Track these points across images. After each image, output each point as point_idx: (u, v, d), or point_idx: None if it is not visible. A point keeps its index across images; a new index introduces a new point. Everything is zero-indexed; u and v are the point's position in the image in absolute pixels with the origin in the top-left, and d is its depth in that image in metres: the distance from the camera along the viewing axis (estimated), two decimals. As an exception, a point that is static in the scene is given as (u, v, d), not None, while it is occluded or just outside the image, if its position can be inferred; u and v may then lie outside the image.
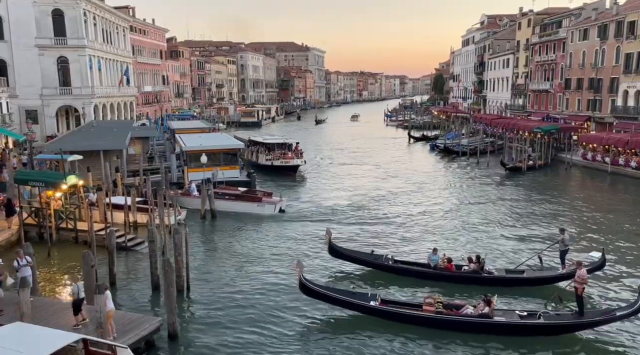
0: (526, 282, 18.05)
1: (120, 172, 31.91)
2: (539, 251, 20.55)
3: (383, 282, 18.60)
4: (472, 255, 19.29)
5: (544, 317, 14.61)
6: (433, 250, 19.23)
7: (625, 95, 47.49)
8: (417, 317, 14.98)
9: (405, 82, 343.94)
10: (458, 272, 18.38)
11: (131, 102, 66.89)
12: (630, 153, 41.04)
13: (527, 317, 14.74)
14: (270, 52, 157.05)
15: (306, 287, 15.75)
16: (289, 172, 41.35)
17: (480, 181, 39.83)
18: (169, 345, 14.22)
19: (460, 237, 24.66)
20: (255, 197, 29.61)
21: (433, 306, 14.96)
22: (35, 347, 10.34)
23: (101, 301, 12.45)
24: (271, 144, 44.37)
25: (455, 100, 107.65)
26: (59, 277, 19.58)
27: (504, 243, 23.71)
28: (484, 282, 17.79)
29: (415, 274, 18.66)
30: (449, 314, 14.88)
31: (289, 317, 16.04)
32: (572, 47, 56.88)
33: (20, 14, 48.58)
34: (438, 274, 18.38)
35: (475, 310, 14.92)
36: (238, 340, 14.64)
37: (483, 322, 14.60)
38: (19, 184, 23.45)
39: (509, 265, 19.88)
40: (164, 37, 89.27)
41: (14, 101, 47.75)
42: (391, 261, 19.20)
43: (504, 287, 17.59)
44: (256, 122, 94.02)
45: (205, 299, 17.36)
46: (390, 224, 26.98)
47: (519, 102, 70.35)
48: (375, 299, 15.63)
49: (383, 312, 15.30)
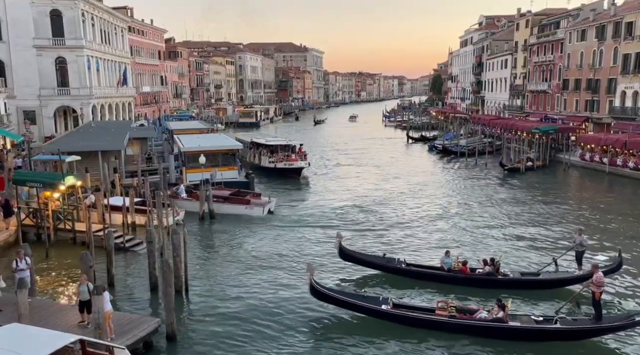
0: (542, 284, 17.72)
1: (119, 173, 31.88)
2: (550, 252, 20.17)
3: (394, 285, 18.22)
4: (486, 257, 18.96)
5: (561, 322, 14.22)
6: (445, 253, 18.83)
7: (623, 96, 47.57)
8: (430, 321, 14.65)
9: (404, 82, 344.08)
10: (473, 274, 18.00)
11: (129, 102, 66.84)
12: (628, 153, 41.13)
13: (543, 322, 14.37)
14: (269, 52, 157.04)
15: (317, 291, 15.49)
16: (292, 175, 40.33)
17: (480, 182, 39.84)
18: (168, 346, 14.19)
19: (462, 238, 24.50)
20: (243, 199, 29.40)
21: (446, 310, 14.66)
22: (33, 348, 10.31)
23: (99, 302, 12.42)
24: (274, 145, 42.97)
25: (453, 101, 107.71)
26: (57, 278, 19.52)
27: (507, 244, 23.49)
28: (500, 284, 17.47)
29: (429, 277, 18.27)
30: (462, 318, 14.56)
31: (288, 318, 15.99)
32: (570, 48, 56.96)
33: (18, 14, 48.55)
34: (453, 276, 17.97)
35: (489, 315, 14.59)
36: (237, 341, 14.61)
37: (497, 326, 14.21)
38: (16, 184, 23.39)
39: (522, 268, 19.55)
40: (163, 38, 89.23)
41: (12, 102, 47.70)
42: (404, 264, 18.78)
43: (519, 290, 17.33)
44: (254, 122, 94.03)
45: (203, 300, 17.34)
46: (393, 226, 26.72)
47: (517, 103, 70.44)
48: (387, 302, 15.29)
49: (395, 316, 14.99)
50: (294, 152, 42.40)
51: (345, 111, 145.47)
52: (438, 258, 19.72)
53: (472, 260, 19.89)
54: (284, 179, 39.57)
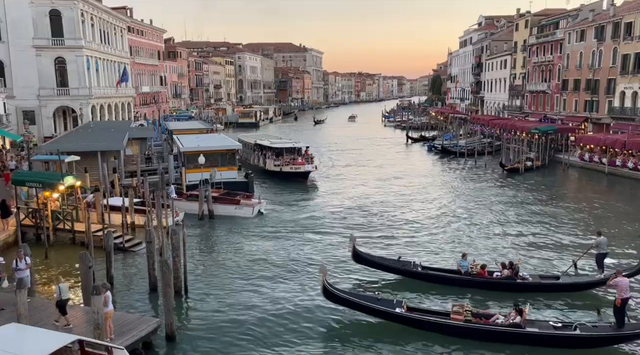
0: (562, 288, 17.37)
1: (118, 173, 31.85)
2: (561, 255, 19.70)
3: (408, 288, 17.86)
4: (504, 260, 18.65)
5: (580, 329, 13.76)
6: (462, 256, 18.49)
7: (622, 96, 47.59)
8: (445, 325, 14.32)
9: (403, 83, 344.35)
10: (492, 278, 17.64)
11: (129, 102, 66.80)
12: (628, 154, 41.15)
13: (562, 328, 13.91)
14: (268, 52, 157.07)
15: (329, 293, 15.23)
16: (299, 179, 39.13)
17: (480, 182, 39.82)
18: (167, 346, 14.18)
19: (464, 239, 24.34)
20: (233, 200, 29.32)
21: (461, 314, 14.24)
22: (32, 349, 10.31)
23: (98, 302, 12.41)
24: (279, 148, 41.52)
25: (452, 101, 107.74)
26: (56, 278, 19.45)
27: (517, 246, 23.14)
28: (518, 288, 17.11)
29: (446, 281, 17.91)
30: (478, 323, 14.16)
31: (286, 318, 15.99)
32: (569, 48, 56.98)
33: (17, 14, 48.52)
34: (471, 280, 17.65)
35: (506, 320, 14.18)
36: (235, 341, 14.60)
37: (514, 332, 13.80)
38: (15, 185, 23.38)
39: (538, 271, 19.26)
40: (162, 38, 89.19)
41: (11, 102, 47.65)
42: (420, 268, 18.41)
43: (538, 294, 17.02)
44: (254, 122, 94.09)
45: (202, 300, 17.33)
46: (398, 229, 26.41)
47: (517, 103, 70.44)
48: (401, 305, 15.01)
49: (409, 320, 14.70)
50: (300, 154, 41.11)
51: (344, 111, 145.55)
52: (444, 260, 19.56)
53: (486, 263, 19.29)
54: (291, 183, 38.58)
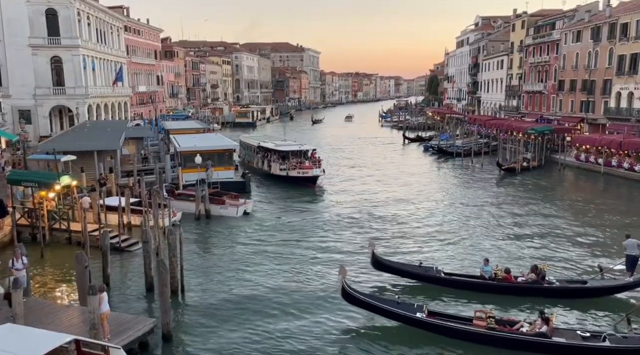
0: (590, 292, 16.91)
1: (114, 173, 31.78)
2: (582, 257, 19.37)
3: (429, 293, 17.49)
4: (530, 264, 18.26)
5: (610, 340, 13.19)
6: (485, 261, 17.96)
7: (618, 97, 47.75)
8: (467, 332, 13.95)
9: (400, 83, 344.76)
10: (518, 283, 17.09)
11: (125, 102, 66.63)
12: (623, 154, 41.30)
13: (590, 339, 13.38)
14: (265, 52, 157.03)
15: (349, 295, 15.02)
16: (307, 184, 36.87)
17: (478, 183, 39.87)
18: (163, 346, 14.16)
19: (467, 241, 24.16)
20: (218, 200, 29.22)
21: (484, 321, 13.84)
22: (27, 349, 10.27)
23: (94, 302, 12.38)
24: (285, 151, 39.18)
25: (449, 102, 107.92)
26: (52, 278, 19.45)
27: (527, 249, 22.92)
28: (545, 293, 16.74)
29: (470, 286, 17.42)
30: (501, 330, 13.70)
31: (284, 319, 15.98)
32: (565, 49, 57.15)
33: (13, 13, 48.27)
34: (496, 285, 17.12)
35: (531, 328, 13.69)
36: (232, 341, 14.58)
37: (540, 341, 13.25)
38: (11, 184, 23.29)
39: (569, 275, 18.90)
40: (159, 37, 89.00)
41: (7, 101, 47.45)
42: (442, 273, 17.93)
43: (566, 299, 16.70)
44: (251, 122, 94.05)
45: (199, 300, 17.31)
46: (400, 231, 26.12)
47: (513, 104, 70.61)
48: (422, 310, 14.67)
49: (430, 325, 14.33)
50: (307, 157, 39.17)
51: (341, 111, 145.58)
52: (453, 263, 19.40)
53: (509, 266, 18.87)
54: (297, 187, 36.39)
